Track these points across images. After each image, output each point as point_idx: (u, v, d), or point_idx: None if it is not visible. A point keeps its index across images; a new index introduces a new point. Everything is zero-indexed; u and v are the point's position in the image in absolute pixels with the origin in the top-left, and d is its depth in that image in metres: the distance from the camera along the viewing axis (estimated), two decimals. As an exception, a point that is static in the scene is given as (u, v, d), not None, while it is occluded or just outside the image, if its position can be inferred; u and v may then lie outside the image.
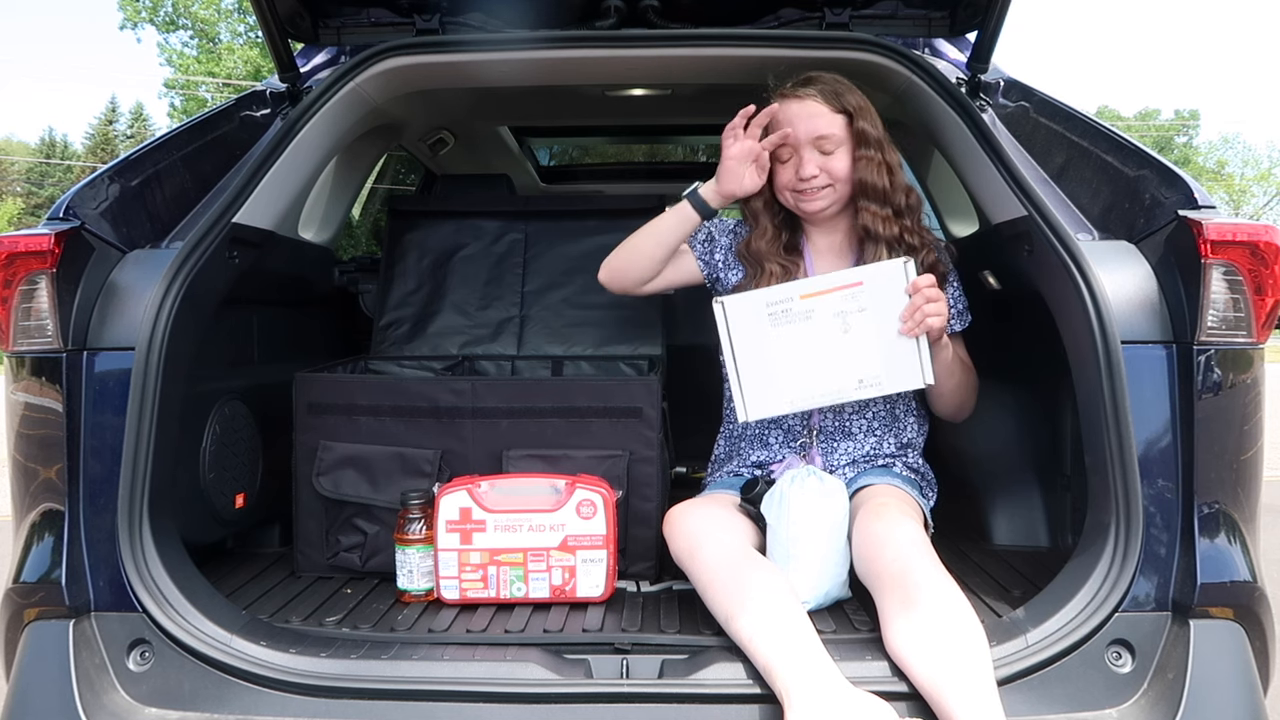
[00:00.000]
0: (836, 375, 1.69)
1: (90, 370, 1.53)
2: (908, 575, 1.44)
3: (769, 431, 1.88)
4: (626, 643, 1.48)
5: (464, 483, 1.68)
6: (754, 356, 1.70)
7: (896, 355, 1.68)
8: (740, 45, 1.92)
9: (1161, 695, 1.38)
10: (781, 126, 1.80)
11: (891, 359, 1.68)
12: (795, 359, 1.69)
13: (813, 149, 1.80)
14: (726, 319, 1.70)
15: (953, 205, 2.45)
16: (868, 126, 1.80)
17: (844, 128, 1.81)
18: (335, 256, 2.57)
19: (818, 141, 1.80)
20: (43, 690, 1.43)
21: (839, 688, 1.28)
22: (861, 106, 1.81)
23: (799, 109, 1.80)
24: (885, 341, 1.67)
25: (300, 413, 1.85)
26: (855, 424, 1.83)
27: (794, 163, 1.82)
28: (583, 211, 2.56)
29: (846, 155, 1.81)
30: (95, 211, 1.62)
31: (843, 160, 1.81)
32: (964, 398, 1.87)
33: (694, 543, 1.60)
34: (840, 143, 1.81)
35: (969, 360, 1.90)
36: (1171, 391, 1.48)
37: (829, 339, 1.68)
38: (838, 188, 1.82)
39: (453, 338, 2.41)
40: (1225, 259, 1.45)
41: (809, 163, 1.80)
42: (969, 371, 1.87)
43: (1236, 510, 1.48)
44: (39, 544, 1.53)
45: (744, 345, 1.70)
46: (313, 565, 1.85)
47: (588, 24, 1.97)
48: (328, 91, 1.88)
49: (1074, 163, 1.78)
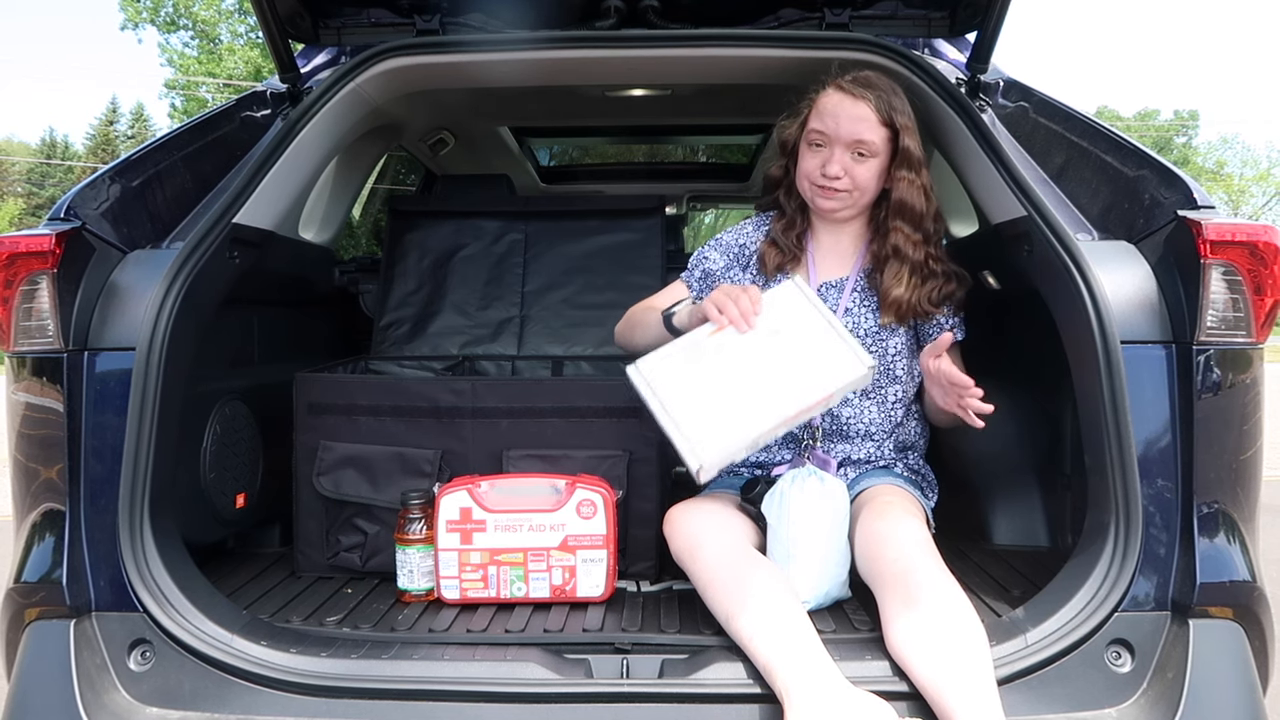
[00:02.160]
0: (776, 395, 1.55)
1: (91, 370, 1.53)
2: (910, 574, 1.44)
3: None
4: (627, 642, 1.48)
5: (464, 483, 1.68)
6: (685, 406, 1.54)
7: (824, 356, 1.58)
8: (740, 45, 1.92)
9: (1161, 695, 1.38)
10: (823, 114, 1.77)
11: (821, 362, 1.58)
12: (726, 394, 1.55)
13: (846, 150, 1.77)
14: (646, 380, 1.56)
15: (953, 205, 2.45)
16: (912, 145, 1.77)
17: (885, 140, 1.78)
18: (336, 256, 2.58)
19: (855, 145, 1.76)
20: (44, 690, 1.44)
21: (839, 687, 1.29)
22: (908, 125, 1.78)
23: (850, 108, 1.76)
24: (807, 350, 1.58)
25: (300, 413, 1.85)
26: (854, 427, 1.83)
27: (823, 155, 1.78)
28: (583, 211, 2.57)
29: (877, 166, 1.79)
30: (96, 212, 1.62)
31: (870, 170, 1.78)
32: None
33: (694, 542, 1.60)
34: (876, 153, 1.78)
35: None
36: (1171, 391, 1.48)
37: (751, 366, 1.57)
38: (856, 195, 1.80)
39: (453, 338, 2.42)
40: (1224, 259, 1.45)
41: (836, 162, 1.77)
42: None
43: (1236, 510, 1.48)
44: (40, 544, 1.53)
45: (671, 399, 1.54)
46: (313, 565, 1.85)
47: (588, 24, 1.97)
48: (328, 92, 1.88)
49: (1073, 163, 1.78)
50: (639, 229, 2.57)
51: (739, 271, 1.93)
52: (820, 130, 1.78)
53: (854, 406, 1.82)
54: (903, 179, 1.79)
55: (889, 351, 1.83)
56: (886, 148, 1.78)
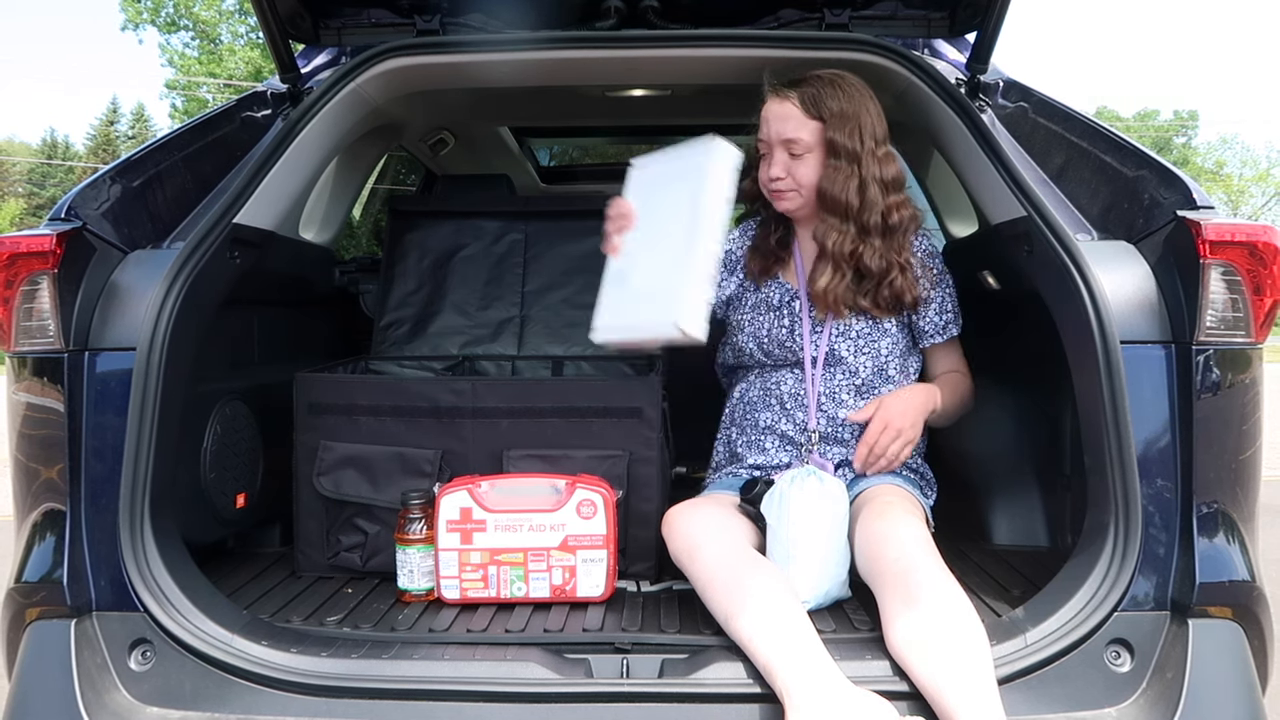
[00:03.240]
0: (687, 239, 1.57)
1: (91, 370, 1.53)
2: (910, 574, 1.44)
3: (765, 437, 1.88)
4: (627, 642, 1.48)
5: (464, 483, 1.68)
6: (639, 307, 1.61)
7: (692, 182, 1.60)
8: (740, 46, 1.92)
9: (1160, 695, 1.38)
10: (762, 121, 1.83)
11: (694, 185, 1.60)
12: (656, 271, 1.60)
13: (782, 150, 1.81)
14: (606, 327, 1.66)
15: (952, 206, 2.45)
16: (839, 137, 1.77)
17: (816, 134, 1.79)
18: (336, 257, 2.58)
19: (786, 144, 1.80)
20: (44, 690, 1.44)
21: (840, 687, 1.29)
22: (841, 114, 1.77)
23: (776, 109, 1.81)
24: (678, 200, 1.61)
25: (301, 413, 1.85)
26: (850, 429, 1.83)
27: (768, 160, 1.83)
28: (583, 212, 2.56)
29: (815, 161, 1.80)
30: (97, 212, 1.62)
31: (809, 166, 1.80)
32: (963, 412, 1.91)
33: (693, 544, 1.60)
34: (809, 149, 1.79)
35: (965, 369, 1.92)
36: (1170, 391, 1.48)
37: (652, 241, 1.65)
38: (803, 192, 1.82)
39: (453, 338, 2.42)
40: (1224, 259, 1.45)
41: (775, 164, 1.81)
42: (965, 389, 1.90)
43: (1235, 510, 1.48)
44: (40, 544, 1.53)
45: (628, 319, 1.64)
46: (313, 565, 1.85)
47: (588, 25, 1.97)
48: (328, 92, 1.88)
49: (1073, 163, 1.79)
50: (639, 229, 2.57)
51: (726, 276, 1.96)
52: (761, 138, 1.84)
53: (849, 408, 1.82)
54: (829, 168, 1.78)
55: (881, 352, 1.83)
56: (821, 141, 1.79)
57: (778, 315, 1.88)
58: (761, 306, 1.91)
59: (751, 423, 1.90)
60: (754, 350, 1.89)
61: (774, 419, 1.86)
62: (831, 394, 1.84)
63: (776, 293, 1.91)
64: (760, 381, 1.90)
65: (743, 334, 1.91)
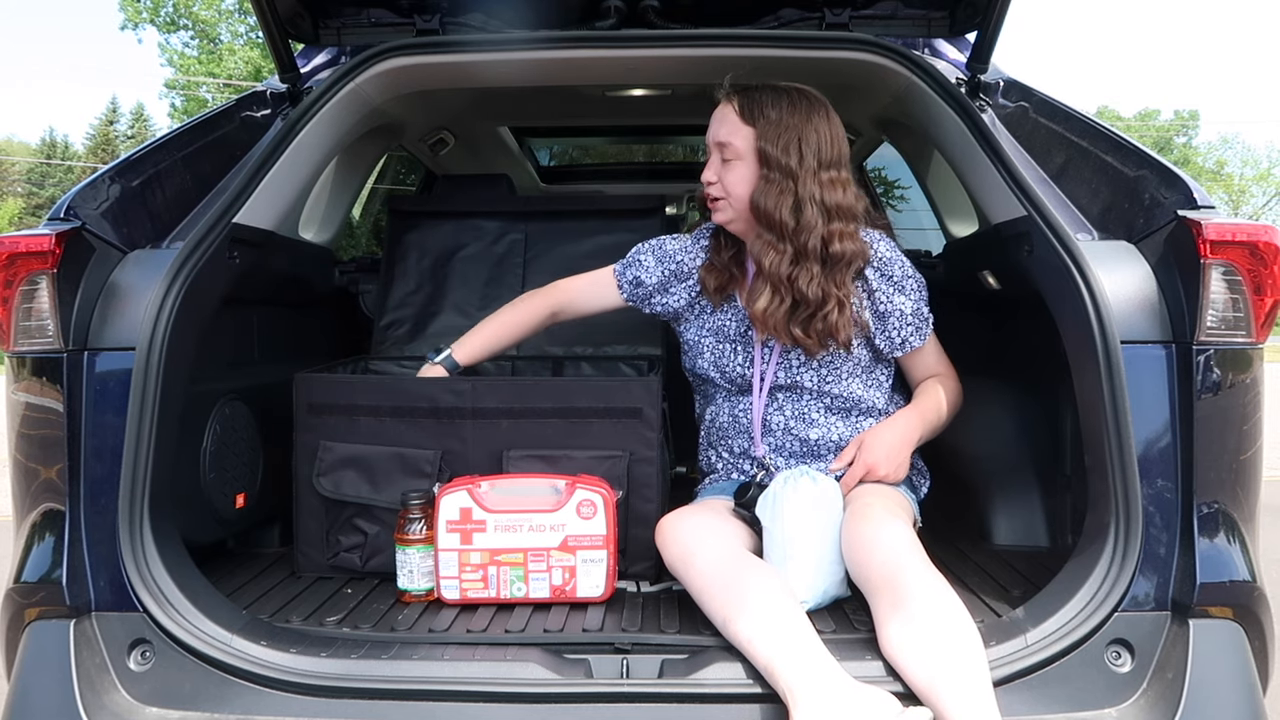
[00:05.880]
0: None
1: (91, 370, 1.53)
2: (898, 577, 1.43)
3: (741, 460, 1.88)
4: (627, 643, 1.48)
5: (464, 483, 1.68)
6: None
7: None
8: (740, 45, 1.92)
9: (1161, 695, 1.38)
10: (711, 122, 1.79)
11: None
12: None
13: (716, 154, 1.77)
14: None
15: (953, 205, 2.45)
16: (770, 148, 1.69)
17: (749, 140, 1.72)
18: (335, 257, 2.58)
19: (719, 147, 1.76)
20: (44, 690, 1.43)
21: (843, 683, 1.28)
22: (779, 123, 1.69)
23: (719, 110, 1.79)
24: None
25: (300, 413, 1.85)
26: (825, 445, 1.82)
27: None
28: (583, 212, 2.57)
29: (745, 171, 1.73)
30: (96, 212, 1.62)
31: (738, 175, 1.73)
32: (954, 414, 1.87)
33: (687, 550, 1.60)
34: (739, 155, 1.73)
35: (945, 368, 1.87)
36: (1171, 391, 1.48)
37: None
38: (734, 204, 1.76)
39: (453, 338, 2.41)
40: (1224, 259, 1.45)
41: (708, 167, 1.77)
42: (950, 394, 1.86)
43: (1236, 510, 1.48)
44: (40, 544, 1.53)
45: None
46: (313, 565, 1.85)
47: (588, 24, 1.97)
48: (328, 92, 1.88)
49: (1073, 163, 1.78)
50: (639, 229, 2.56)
51: (675, 284, 1.90)
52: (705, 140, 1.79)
53: (820, 427, 1.82)
54: (762, 180, 1.71)
55: (842, 375, 1.81)
56: (753, 149, 1.73)
57: (734, 345, 1.85)
58: (721, 334, 1.87)
59: (726, 448, 1.90)
60: (717, 378, 1.88)
61: (747, 444, 1.86)
62: (801, 415, 1.82)
63: (733, 321, 1.86)
64: (729, 406, 1.89)
65: (703, 359, 1.88)
